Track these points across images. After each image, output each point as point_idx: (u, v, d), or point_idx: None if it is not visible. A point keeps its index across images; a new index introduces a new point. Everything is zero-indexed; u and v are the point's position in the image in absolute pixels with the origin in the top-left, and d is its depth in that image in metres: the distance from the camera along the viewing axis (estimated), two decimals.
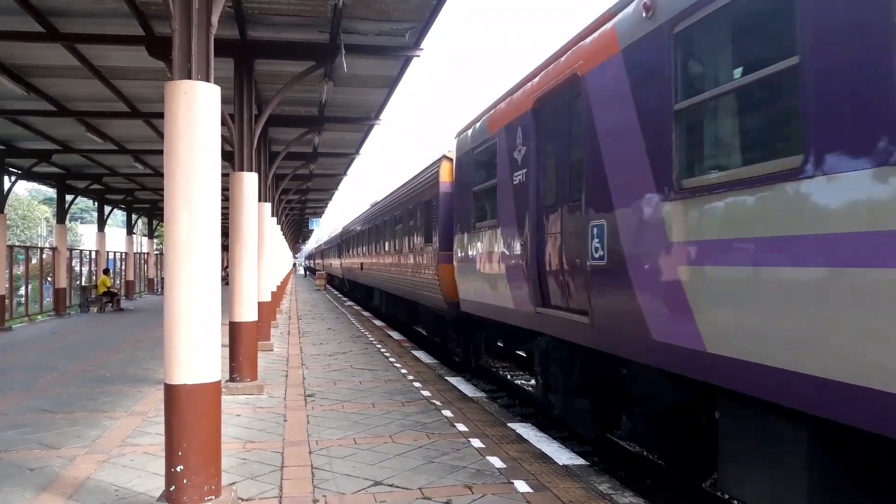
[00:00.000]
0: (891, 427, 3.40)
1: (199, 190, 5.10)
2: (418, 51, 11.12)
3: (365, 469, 6.32)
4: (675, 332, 5.17)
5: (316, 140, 18.70)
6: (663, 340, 5.35)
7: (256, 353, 10.47)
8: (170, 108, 5.13)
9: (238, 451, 6.95)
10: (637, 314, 5.71)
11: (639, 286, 5.72)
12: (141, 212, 39.21)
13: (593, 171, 6.52)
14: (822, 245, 3.76)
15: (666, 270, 5.29)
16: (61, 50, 10.87)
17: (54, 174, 24.62)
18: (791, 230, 3.99)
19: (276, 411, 8.85)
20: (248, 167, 10.56)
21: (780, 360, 4.10)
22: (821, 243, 3.78)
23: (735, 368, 4.51)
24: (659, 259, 5.38)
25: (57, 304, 25.92)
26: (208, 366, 5.15)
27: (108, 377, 11.37)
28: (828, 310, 3.75)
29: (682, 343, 5.07)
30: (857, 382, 3.57)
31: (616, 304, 6.19)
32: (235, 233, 10.36)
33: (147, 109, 15.06)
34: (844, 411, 3.68)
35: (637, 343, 5.79)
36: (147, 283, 41.01)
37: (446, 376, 11.51)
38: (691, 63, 5.25)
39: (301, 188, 28.97)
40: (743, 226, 4.44)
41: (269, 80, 12.66)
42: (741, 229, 4.46)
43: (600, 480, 6.08)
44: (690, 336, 4.96)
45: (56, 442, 7.34)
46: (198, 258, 5.09)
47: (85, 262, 32.65)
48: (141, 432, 7.74)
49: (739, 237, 4.46)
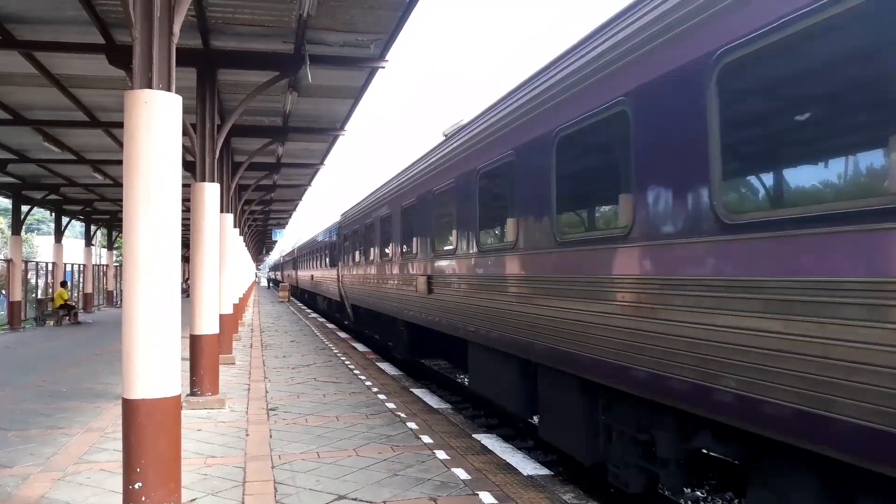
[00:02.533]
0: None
1: (158, 200, 5.02)
2: (383, 62, 11.13)
3: (328, 483, 6.25)
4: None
5: (280, 150, 18.57)
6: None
7: (218, 366, 10.31)
8: (129, 117, 5.05)
9: (199, 466, 6.82)
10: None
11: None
12: (100, 223, 38.42)
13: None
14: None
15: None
16: (18, 57, 10.64)
17: (9, 184, 24.04)
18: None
19: (238, 425, 8.71)
20: (209, 178, 10.44)
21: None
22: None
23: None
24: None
25: (11, 318, 25.21)
26: (167, 380, 5.05)
27: (64, 392, 11.09)
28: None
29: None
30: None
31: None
32: (196, 244, 10.21)
33: (107, 119, 14.81)
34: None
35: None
36: (106, 296, 40.13)
37: (411, 388, 11.46)
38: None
39: (264, 199, 28.71)
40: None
41: (232, 90, 12.56)
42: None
43: (564, 490, 6.10)
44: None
45: (9, 460, 7.12)
46: (157, 269, 5.01)
47: (41, 275, 31.86)
48: (98, 449, 7.55)
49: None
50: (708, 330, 4.37)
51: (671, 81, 4.83)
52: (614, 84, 5.51)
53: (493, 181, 8.46)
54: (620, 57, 5.47)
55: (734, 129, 4.35)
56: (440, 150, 10.87)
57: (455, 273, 9.60)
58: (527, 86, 7.52)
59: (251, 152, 16.69)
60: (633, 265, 5.29)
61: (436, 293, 10.53)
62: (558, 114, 6.53)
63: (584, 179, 6.56)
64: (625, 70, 5.39)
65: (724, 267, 4.29)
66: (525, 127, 7.33)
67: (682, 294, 4.65)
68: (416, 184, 12.12)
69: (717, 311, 4.30)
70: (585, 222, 6.58)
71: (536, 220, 6.99)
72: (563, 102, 6.44)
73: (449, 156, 10.15)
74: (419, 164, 12.28)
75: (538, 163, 6.93)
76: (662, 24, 4.95)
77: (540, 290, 6.86)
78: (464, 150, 9.40)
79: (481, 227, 8.76)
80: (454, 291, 9.66)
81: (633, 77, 5.26)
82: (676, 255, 4.76)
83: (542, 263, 6.84)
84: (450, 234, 9.99)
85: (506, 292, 7.74)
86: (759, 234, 4.00)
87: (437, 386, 13.50)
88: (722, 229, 4.29)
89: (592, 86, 5.91)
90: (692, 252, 4.60)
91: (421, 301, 11.43)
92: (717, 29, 4.37)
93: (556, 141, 6.54)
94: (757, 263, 4.00)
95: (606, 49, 5.72)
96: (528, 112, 7.24)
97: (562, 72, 6.54)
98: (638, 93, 5.18)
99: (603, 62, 5.74)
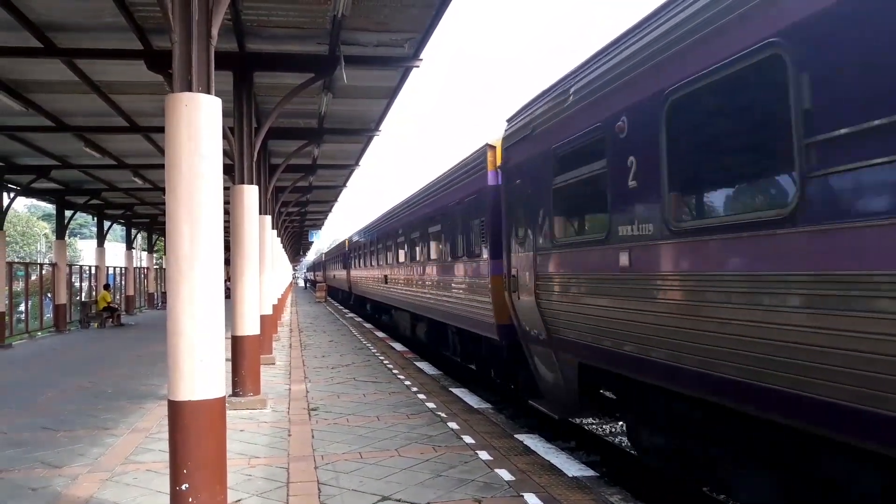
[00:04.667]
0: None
1: (201, 203, 5.03)
2: (418, 61, 11.08)
3: (372, 484, 6.23)
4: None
5: (315, 152, 18.67)
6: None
7: (259, 366, 10.39)
8: (171, 120, 5.07)
9: (243, 467, 6.86)
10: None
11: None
12: (140, 226, 39.15)
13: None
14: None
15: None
16: (59, 65, 10.84)
17: (53, 190, 24.56)
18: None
19: (280, 426, 8.75)
20: (248, 180, 10.52)
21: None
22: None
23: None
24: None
25: (57, 321, 25.80)
26: (212, 381, 5.06)
27: (110, 393, 11.27)
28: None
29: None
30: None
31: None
32: (237, 246, 10.30)
33: (146, 124, 15.02)
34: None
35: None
36: (147, 298, 40.88)
37: (451, 387, 11.41)
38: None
39: (301, 200, 28.93)
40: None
41: (268, 92, 12.63)
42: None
43: (611, 492, 5.99)
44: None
45: (58, 460, 7.24)
46: (201, 272, 5.02)
47: (85, 278, 32.58)
48: (144, 449, 7.64)
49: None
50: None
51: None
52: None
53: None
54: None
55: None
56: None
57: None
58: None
59: (287, 154, 16.80)
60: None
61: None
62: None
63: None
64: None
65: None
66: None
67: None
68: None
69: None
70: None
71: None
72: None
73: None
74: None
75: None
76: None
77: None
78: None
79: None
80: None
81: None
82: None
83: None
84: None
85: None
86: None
87: (475, 386, 13.41)
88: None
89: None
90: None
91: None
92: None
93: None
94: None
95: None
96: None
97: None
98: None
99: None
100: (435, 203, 15.26)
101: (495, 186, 10.75)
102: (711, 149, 5.41)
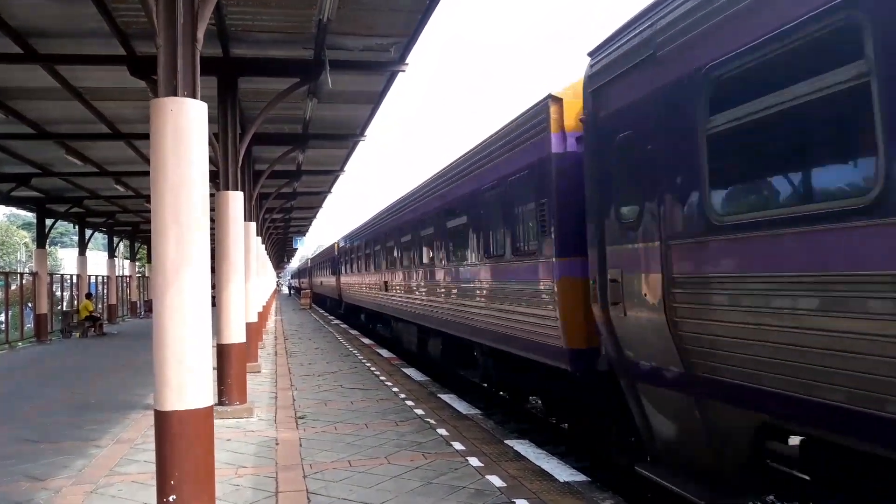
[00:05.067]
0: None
1: (188, 208, 4.95)
2: (403, 65, 11.04)
3: (362, 492, 6.15)
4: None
5: (300, 157, 18.55)
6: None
7: (245, 374, 10.27)
8: (156, 125, 4.99)
9: (230, 477, 6.76)
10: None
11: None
12: (122, 234, 38.75)
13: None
14: None
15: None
16: (40, 71, 10.70)
17: (34, 198, 24.28)
18: None
19: (268, 434, 8.65)
20: (233, 186, 10.43)
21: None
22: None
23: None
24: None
25: (38, 331, 25.45)
26: (200, 390, 4.98)
27: (93, 404, 11.10)
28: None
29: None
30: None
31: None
32: (222, 253, 10.19)
33: (129, 130, 14.87)
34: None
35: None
36: (130, 307, 40.47)
37: (439, 393, 11.35)
38: None
39: (285, 206, 28.77)
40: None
41: (253, 97, 12.54)
42: None
43: (603, 497, 5.97)
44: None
45: (41, 473, 7.10)
46: (187, 279, 4.93)
47: (66, 287, 32.17)
48: (129, 460, 7.52)
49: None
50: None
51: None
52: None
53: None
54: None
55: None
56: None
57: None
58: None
59: (272, 160, 16.67)
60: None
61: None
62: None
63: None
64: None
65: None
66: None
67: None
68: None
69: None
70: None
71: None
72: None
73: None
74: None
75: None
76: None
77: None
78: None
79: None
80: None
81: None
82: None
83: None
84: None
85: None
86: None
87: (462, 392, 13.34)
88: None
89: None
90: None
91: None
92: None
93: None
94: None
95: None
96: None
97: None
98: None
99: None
100: (457, 190, 12.13)
101: (565, 154, 7.73)
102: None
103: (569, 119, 7.65)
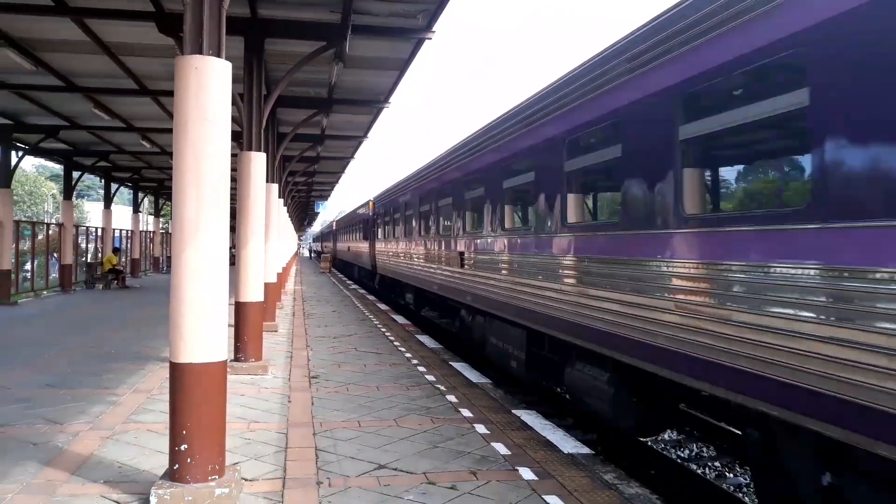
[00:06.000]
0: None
1: (208, 167, 5.03)
2: (430, 33, 10.99)
3: (369, 452, 6.29)
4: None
5: (324, 122, 18.60)
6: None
7: (261, 333, 10.45)
8: (180, 83, 5.05)
9: (242, 431, 6.93)
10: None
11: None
12: (147, 190, 39.21)
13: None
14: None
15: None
16: (70, 24, 10.79)
17: (61, 150, 24.58)
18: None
19: (281, 392, 8.83)
20: (256, 147, 10.50)
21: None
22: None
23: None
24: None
25: (63, 280, 25.97)
26: (215, 345, 5.10)
27: (113, 354, 11.36)
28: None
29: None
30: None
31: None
32: (243, 213, 10.32)
33: (155, 87, 14.98)
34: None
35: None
36: (152, 262, 41.07)
37: (451, 361, 11.47)
38: None
39: (308, 170, 28.90)
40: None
41: (278, 59, 12.56)
42: None
43: (605, 470, 6.04)
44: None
45: (60, 417, 7.32)
46: (206, 236, 5.03)
47: (91, 239, 32.70)
48: (145, 409, 7.72)
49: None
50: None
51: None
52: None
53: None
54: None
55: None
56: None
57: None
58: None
59: (296, 123, 16.74)
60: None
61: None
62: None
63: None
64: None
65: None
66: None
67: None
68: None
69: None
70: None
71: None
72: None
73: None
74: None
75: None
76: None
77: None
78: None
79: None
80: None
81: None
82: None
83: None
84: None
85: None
86: None
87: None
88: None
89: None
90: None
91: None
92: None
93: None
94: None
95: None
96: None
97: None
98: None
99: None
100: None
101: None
102: None
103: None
